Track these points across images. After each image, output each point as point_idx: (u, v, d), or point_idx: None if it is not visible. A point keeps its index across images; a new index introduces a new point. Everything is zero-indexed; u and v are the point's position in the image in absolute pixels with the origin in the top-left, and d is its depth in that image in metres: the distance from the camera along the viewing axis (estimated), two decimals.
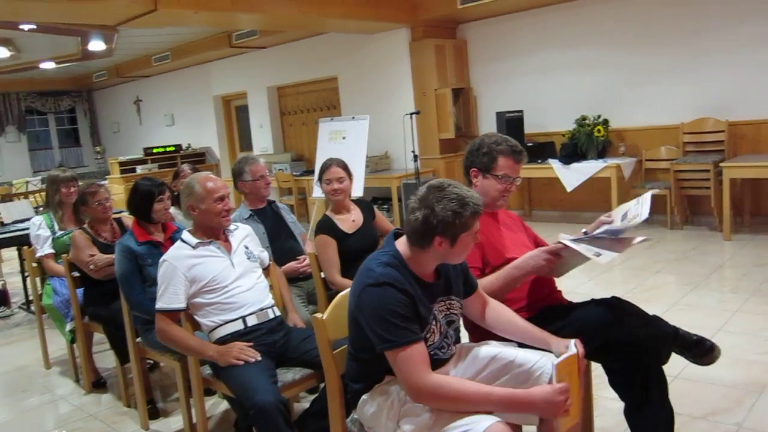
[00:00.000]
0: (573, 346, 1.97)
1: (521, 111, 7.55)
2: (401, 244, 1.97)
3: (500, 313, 2.17)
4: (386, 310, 1.82)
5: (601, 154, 7.01)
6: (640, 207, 2.24)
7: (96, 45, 8.68)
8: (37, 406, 3.71)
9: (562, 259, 2.22)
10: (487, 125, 8.16)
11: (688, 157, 6.52)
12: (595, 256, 2.10)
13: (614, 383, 2.32)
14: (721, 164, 5.91)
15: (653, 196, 2.35)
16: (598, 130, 6.91)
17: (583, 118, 7.07)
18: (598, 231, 2.22)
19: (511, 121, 7.33)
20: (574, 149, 7.06)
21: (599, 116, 7.01)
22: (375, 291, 1.84)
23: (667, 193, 6.54)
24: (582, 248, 2.12)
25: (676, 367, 2.25)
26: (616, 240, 2.18)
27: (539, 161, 7.16)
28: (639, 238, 2.20)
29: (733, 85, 6.35)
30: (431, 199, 1.86)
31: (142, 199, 3.17)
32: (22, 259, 5.71)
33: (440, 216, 1.84)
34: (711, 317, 4.04)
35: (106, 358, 4.19)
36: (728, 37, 6.29)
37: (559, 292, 2.56)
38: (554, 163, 7.03)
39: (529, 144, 7.34)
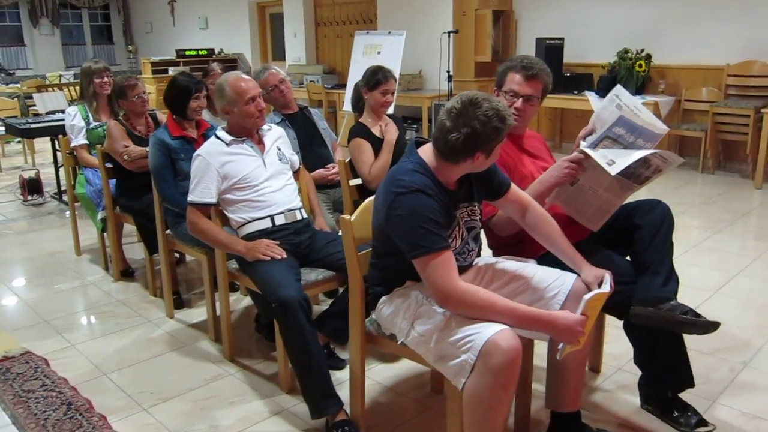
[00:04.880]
0: (607, 285, 1.95)
1: (562, 39, 7.31)
2: (425, 154, 1.95)
3: (542, 220, 2.13)
4: (420, 217, 1.82)
5: (640, 90, 6.82)
6: (626, 104, 2.11)
7: None
8: (68, 289, 3.87)
9: (585, 173, 2.17)
10: (525, 51, 7.93)
11: (729, 101, 6.34)
12: (607, 165, 2.01)
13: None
14: (763, 110, 5.76)
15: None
16: (640, 65, 6.72)
17: (626, 51, 6.85)
18: (606, 128, 2.11)
19: (550, 49, 7.12)
20: (612, 83, 6.85)
21: (642, 50, 6.79)
22: (407, 198, 1.84)
23: (703, 136, 6.42)
24: (597, 155, 2.06)
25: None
26: (636, 146, 2.09)
27: (575, 92, 7.00)
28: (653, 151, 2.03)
29: None
30: (470, 117, 1.81)
31: (178, 94, 3.18)
32: (55, 150, 5.84)
33: (484, 135, 1.82)
34: (730, 261, 4.04)
35: (133, 250, 4.34)
36: None
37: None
38: (590, 96, 6.78)
39: (566, 74, 7.17)
